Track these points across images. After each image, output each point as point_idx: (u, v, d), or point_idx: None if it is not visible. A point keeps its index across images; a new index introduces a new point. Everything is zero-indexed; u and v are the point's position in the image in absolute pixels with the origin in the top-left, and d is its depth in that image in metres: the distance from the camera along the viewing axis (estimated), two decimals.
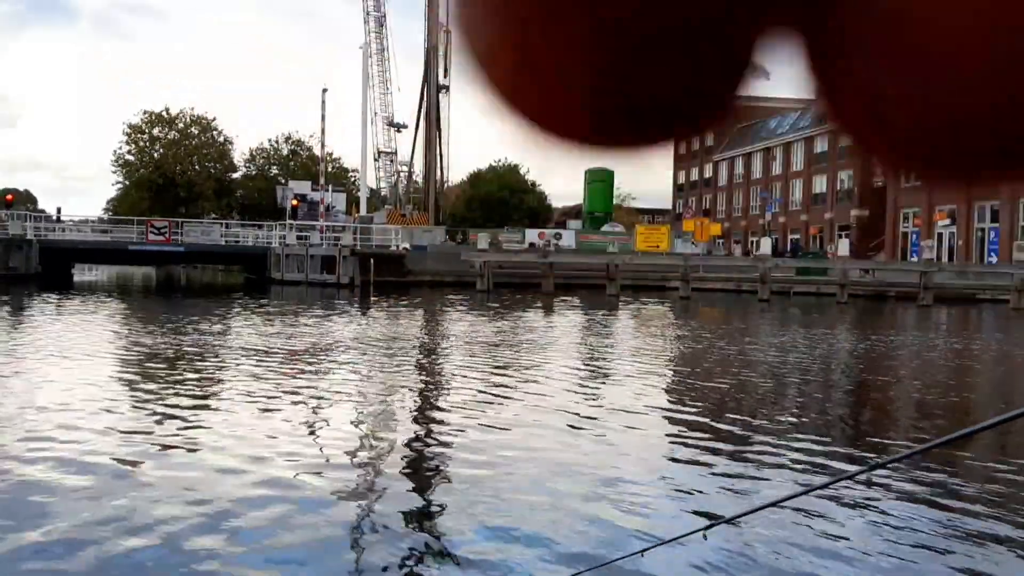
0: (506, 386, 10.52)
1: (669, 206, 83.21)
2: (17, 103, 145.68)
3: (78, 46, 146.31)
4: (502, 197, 71.58)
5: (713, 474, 6.45)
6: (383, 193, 61.08)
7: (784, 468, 6.64)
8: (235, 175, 79.37)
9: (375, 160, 56.66)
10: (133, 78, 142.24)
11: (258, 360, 12.48)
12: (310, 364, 12.35)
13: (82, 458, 6.40)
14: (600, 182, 58.11)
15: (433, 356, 14.12)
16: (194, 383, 10.23)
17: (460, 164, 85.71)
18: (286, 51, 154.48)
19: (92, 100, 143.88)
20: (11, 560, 4.45)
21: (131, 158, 75.06)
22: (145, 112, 75.36)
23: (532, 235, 48.41)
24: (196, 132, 75.95)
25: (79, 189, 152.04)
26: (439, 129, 54.35)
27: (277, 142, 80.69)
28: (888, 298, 36.78)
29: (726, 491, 5.99)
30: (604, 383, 11.32)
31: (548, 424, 8.17)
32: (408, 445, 7.24)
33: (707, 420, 8.70)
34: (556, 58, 0.22)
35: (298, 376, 11.08)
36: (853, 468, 6.08)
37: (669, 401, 10.23)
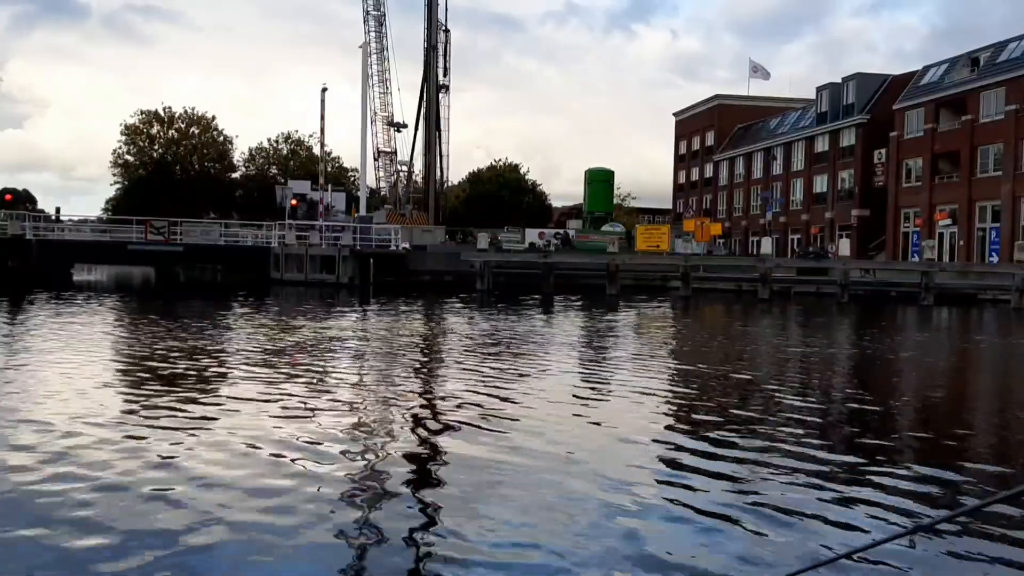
0: (506, 387, 10.43)
1: (669, 206, 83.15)
2: (23, 102, 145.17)
3: (85, 46, 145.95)
4: (502, 197, 71.53)
5: (719, 481, 6.37)
6: (383, 193, 60.98)
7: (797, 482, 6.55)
8: (235, 175, 79.30)
9: (375, 160, 56.54)
10: (137, 78, 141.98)
11: (257, 360, 12.40)
12: (310, 364, 12.26)
13: (81, 457, 6.32)
14: (601, 182, 58.00)
15: (433, 357, 14.03)
16: (193, 384, 10.14)
17: (460, 164, 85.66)
18: (286, 50, 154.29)
19: (96, 100, 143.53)
20: (11, 560, 4.37)
21: (130, 158, 75.01)
22: (142, 112, 75.36)
23: (532, 235, 48.33)
24: (196, 132, 75.89)
25: (81, 189, 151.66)
26: (439, 129, 54.24)
27: (276, 142, 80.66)
28: (889, 298, 36.71)
29: (737, 503, 5.90)
30: (605, 384, 11.23)
31: (549, 426, 8.08)
32: (409, 446, 7.16)
33: (711, 425, 8.61)
34: None
35: (298, 377, 10.99)
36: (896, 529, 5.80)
37: (672, 403, 10.13)
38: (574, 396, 10.09)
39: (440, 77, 54.00)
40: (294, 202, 49.05)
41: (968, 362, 16.51)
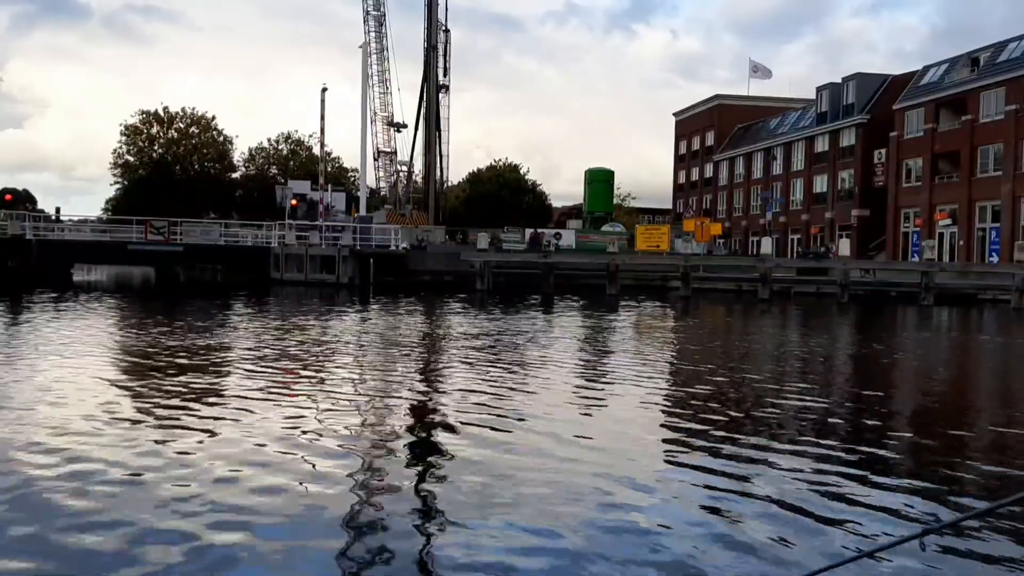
0: (507, 388, 10.42)
1: (669, 206, 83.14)
2: (23, 102, 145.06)
3: (85, 46, 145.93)
4: (502, 197, 71.50)
5: (726, 480, 6.37)
6: (383, 193, 60.97)
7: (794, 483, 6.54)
8: (235, 175, 79.27)
9: (375, 160, 56.52)
10: (137, 78, 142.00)
11: (257, 361, 12.39)
12: (310, 365, 12.26)
13: (80, 456, 6.32)
14: (601, 182, 57.98)
15: (433, 357, 14.02)
16: (193, 384, 10.14)
17: (460, 164, 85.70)
18: (286, 50, 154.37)
19: (96, 100, 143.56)
20: (19, 557, 4.37)
21: (130, 158, 74.97)
22: (142, 112, 75.33)
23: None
24: (196, 131, 75.85)
25: (81, 189, 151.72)
26: (439, 129, 54.24)
27: (276, 142, 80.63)
28: (889, 298, 36.71)
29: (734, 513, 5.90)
30: (605, 385, 11.23)
31: (550, 427, 8.07)
32: (408, 448, 7.15)
33: (710, 426, 8.61)
34: None
35: (297, 377, 10.98)
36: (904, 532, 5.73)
37: (674, 405, 10.13)
38: (578, 394, 10.09)
39: (440, 77, 54.01)
40: (294, 202, 49.02)
41: (970, 362, 16.51)
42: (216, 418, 8.11)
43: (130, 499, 5.45)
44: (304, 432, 7.55)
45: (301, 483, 5.93)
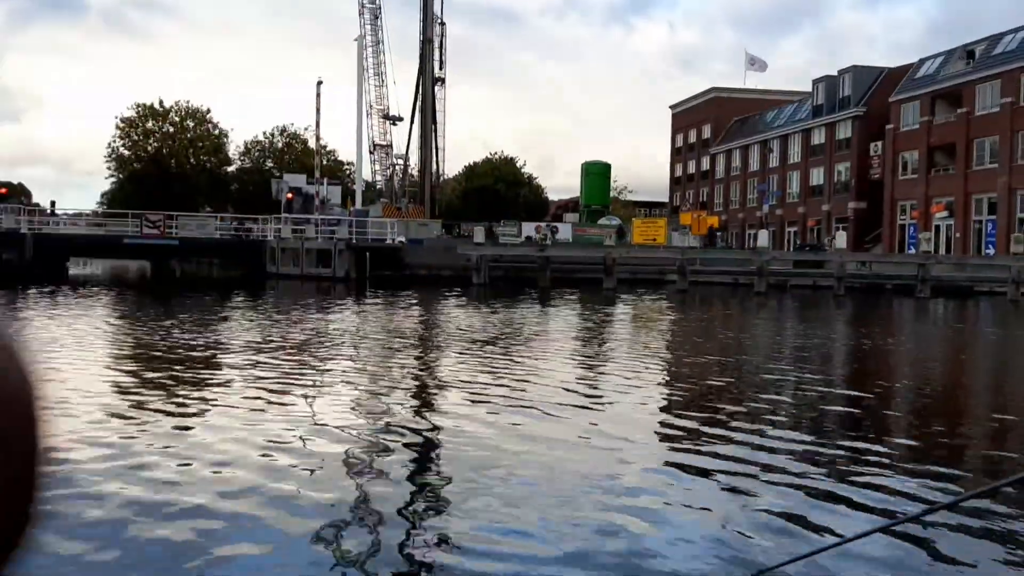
0: (504, 383, 10.40)
1: (666, 199, 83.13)
2: (20, 97, 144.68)
3: (83, 41, 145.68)
4: (498, 190, 71.39)
5: (721, 482, 6.36)
6: (378, 186, 60.84)
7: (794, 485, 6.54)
8: (230, 168, 79.01)
9: (370, 153, 56.41)
10: (132, 71, 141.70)
11: (253, 356, 12.35)
12: (307, 360, 12.23)
13: (76, 453, 6.29)
14: (598, 175, 57.89)
15: (430, 352, 14.00)
16: (189, 379, 10.11)
17: (459, 157, 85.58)
18: (281, 44, 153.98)
19: (94, 94, 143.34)
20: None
21: (125, 152, 74.68)
22: (138, 105, 75.00)
23: (528, 228, 48.22)
24: (191, 125, 75.54)
25: (80, 183, 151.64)
26: (435, 122, 54.13)
27: (272, 135, 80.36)
28: (885, 291, 36.76)
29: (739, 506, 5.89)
30: (604, 379, 11.22)
31: (548, 423, 8.06)
32: (405, 444, 7.13)
33: (710, 420, 8.60)
34: None
35: (294, 373, 10.95)
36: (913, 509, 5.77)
37: (671, 398, 10.13)
38: (579, 387, 10.07)
39: (436, 70, 53.85)
40: (290, 195, 48.92)
41: (968, 352, 16.53)
42: (206, 414, 8.07)
43: (128, 497, 5.42)
44: (302, 427, 7.53)
45: (299, 478, 5.91)
